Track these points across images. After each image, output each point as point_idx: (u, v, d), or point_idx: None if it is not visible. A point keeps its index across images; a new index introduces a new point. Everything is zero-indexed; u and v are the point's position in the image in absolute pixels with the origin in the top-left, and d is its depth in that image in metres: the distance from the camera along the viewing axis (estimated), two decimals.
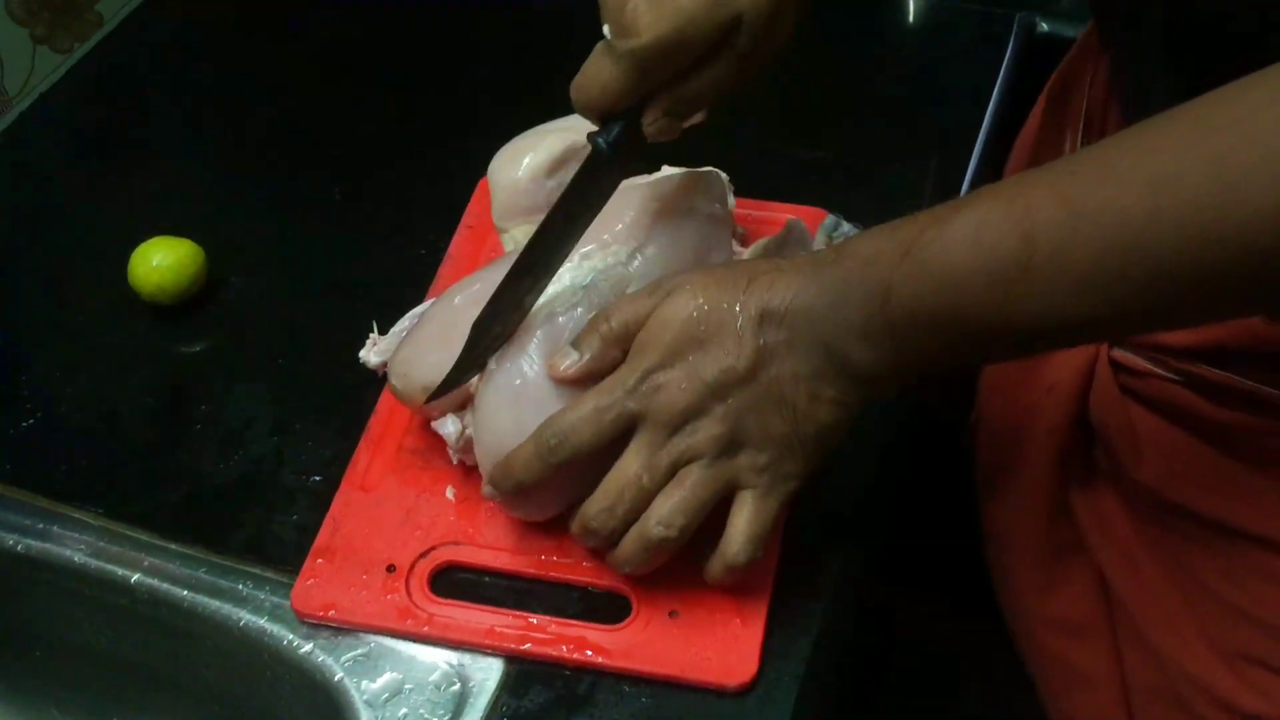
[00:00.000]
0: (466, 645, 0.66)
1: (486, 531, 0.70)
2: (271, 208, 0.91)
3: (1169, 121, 0.49)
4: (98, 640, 0.74)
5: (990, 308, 0.53)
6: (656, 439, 0.61)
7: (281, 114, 1.00)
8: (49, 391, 0.80)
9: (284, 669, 0.67)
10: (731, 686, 0.64)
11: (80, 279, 0.87)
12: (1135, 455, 0.68)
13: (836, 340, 0.58)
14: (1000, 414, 0.76)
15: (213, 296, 0.84)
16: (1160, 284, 0.50)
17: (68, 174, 0.96)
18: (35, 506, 0.73)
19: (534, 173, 0.75)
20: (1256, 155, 0.46)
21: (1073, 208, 0.50)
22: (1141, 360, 0.67)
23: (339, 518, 0.70)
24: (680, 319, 0.60)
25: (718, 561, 0.63)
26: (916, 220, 0.56)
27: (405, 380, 0.69)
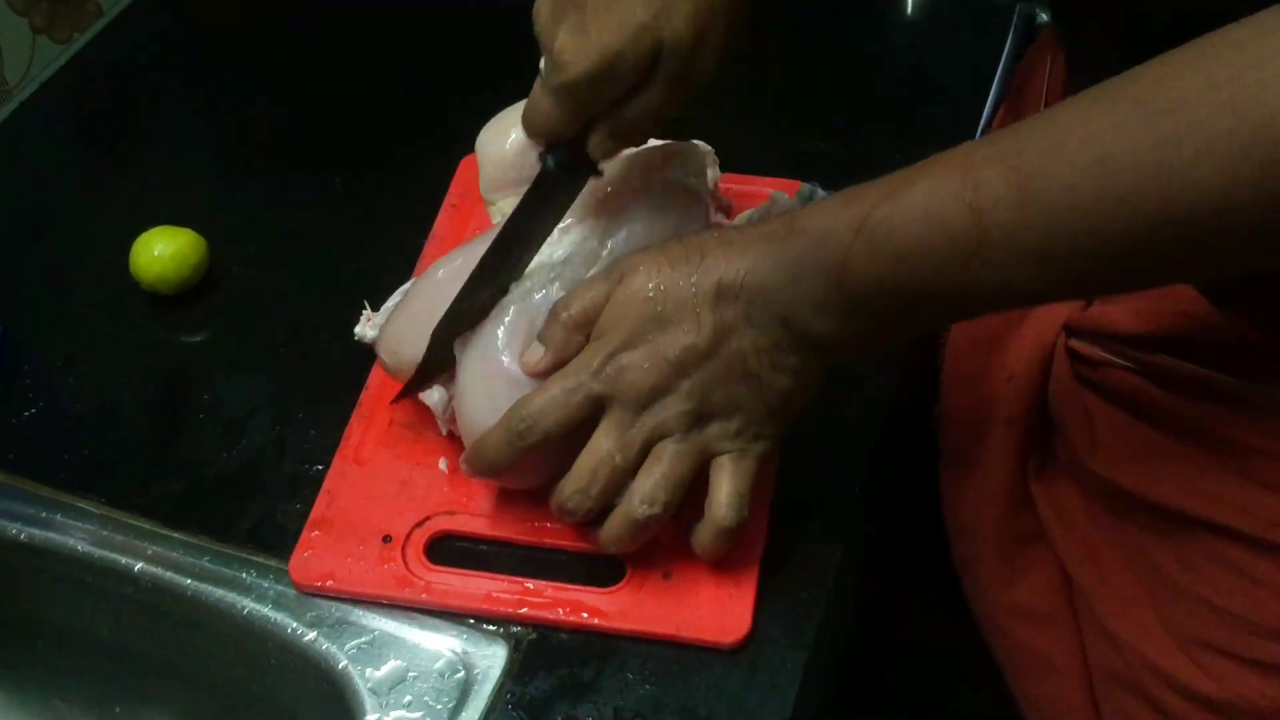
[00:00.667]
0: (464, 611, 0.67)
1: (480, 501, 0.71)
2: (273, 197, 0.91)
3: (1117, 98, 0.50)
4: (101, 629, 0.74)
5: (944, 280, 0.55)
6: (626, 418, 0.62)
7: (282, 103, 1.00)
8: (51, 381, 0.79)
9: (288, 657, 0.67)
10: (726, 644, 0.65)
11: (82, 269, 0.86)
12: (1091, 444, 0.68)
13: (795, 314, 0.59)
14: (962, 405, 0.76)
15: (214, 286, 0.84)
16: (1108, 258, 0.51)
17: (68, 164, 0.96)
18: (38, 495, 0.73)
19: (521, 145, 0.75)
20: (1199, 143, 0.47)
21: (1022, 185, 0.51)
22: (1098, 350, 0.67)
23: (334, 491, 0.71)
24: (638, 300, 0.62)
25: (707, 527, 0.64)
26: (868, 194, 0.57)
27: (395, 357, 0.70)
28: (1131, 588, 0.68)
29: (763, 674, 0.65)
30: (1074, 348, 0.69)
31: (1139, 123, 0.49)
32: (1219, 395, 0.62)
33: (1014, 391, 0.72)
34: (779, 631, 0.66)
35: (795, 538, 0.70)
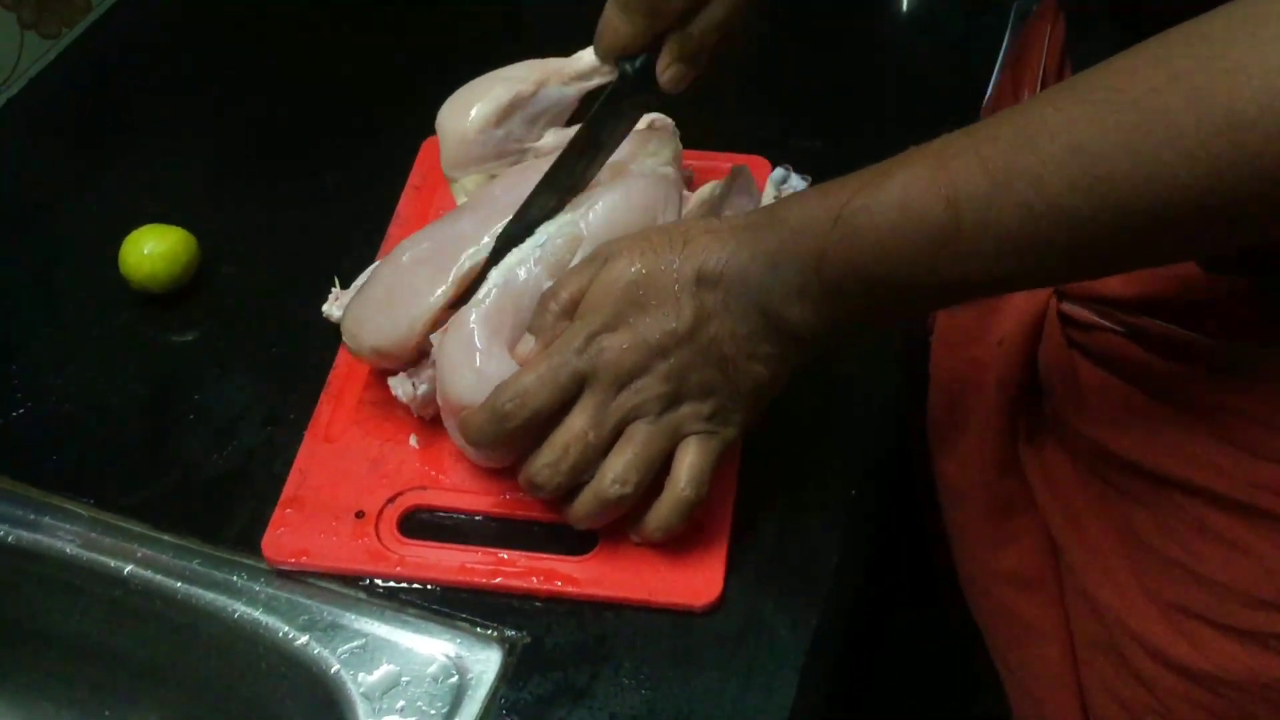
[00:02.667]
0: (439, 583, 0.67)
1: (452, 475, 0.72)
2: (264, 195, 0.90)
3: (1088, 89, 0.51)
4: (90, 633, 0.73)
5: (920, 270, 0.56)
6: (603, 398, 0.63)
7: (273, 100, 0.99)
8: (39, 381, 0.79)
9: (279, 661, 0.67)
10: (699, 606, 0.66)
11: (70, 267, 0.86)
12: (1079, 406, 0.69)
13: (772, 303, 0.61)
14: (951, 369, 0.77)
15: (205, 285, 0.83)
16: (1080, 246, 0.52)
17: (57, 160, 0.95)
18: (26, 497, 0.72)
19: (483, 123, 0.76)
20: (1165, 132, 0.48)
21: (995, 175, 0.52)
22: (1088, 313, 0.68)
23: (305, 469, 0.71)
24: (621, 284, 0.63)
25: (666, 499, 0.65)
26: (846, 185, 0.58)
27: (355, 340, 0.71)
28: (1114, 553, 0.69)
29: (759, 678, 0.64)
30: (1065, 311, 0.69)
31: (1107, 113, 0.50)
32: (1206, 359, 0.63)
33: (1005, 355, 0.72)
34: (776, 635, 0.66)
35: (791, 540, 0.70)
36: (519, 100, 0.76)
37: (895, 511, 0.84)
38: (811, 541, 0.70)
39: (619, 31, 0.68)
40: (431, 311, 0.69)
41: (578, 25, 0.74)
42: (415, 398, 0.71)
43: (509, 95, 0.76)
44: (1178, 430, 0.65)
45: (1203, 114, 0.47)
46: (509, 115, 0.76)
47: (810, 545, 0.70)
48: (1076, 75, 0.52)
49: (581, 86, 0.77)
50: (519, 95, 0.76)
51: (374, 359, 0.71)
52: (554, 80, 0.77)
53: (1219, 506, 0.64)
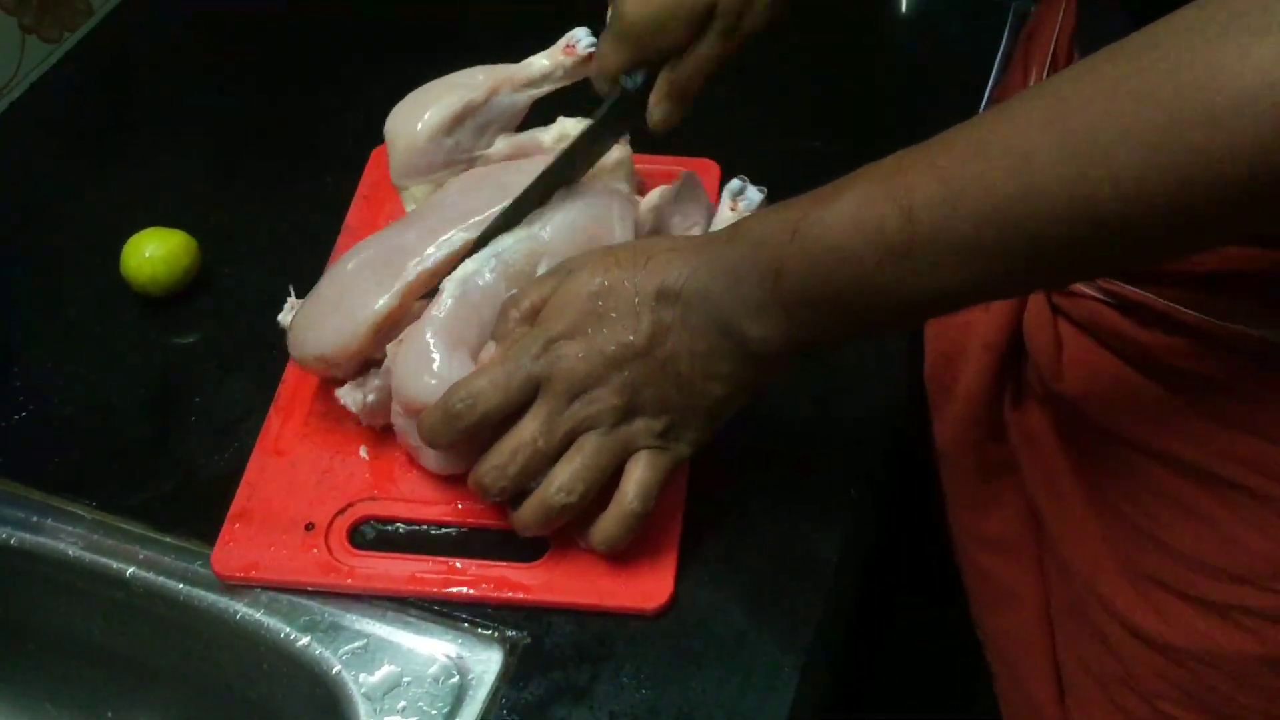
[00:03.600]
0: (390, 594, 0.67)
1: (402, 485, 0.71)
2: (265, 198, 0.90)
3: (1037, 96, 0.51)
4: (92, 634, 0.74)
5: (877, 283, 0.55)
6: (556, 406, 0.63)
7: (275, 103, 0.99)
8: (41, 383, 0.79)
9: (281, 662, 0.67)
10: (649, 610, 0.66)
11: (72, 270, 0.86)
12: (1058, 370, 0.69)
13: (732, 319, 0.61)
14: (942, 333, 0.77)
15: (206, 288, 0.84)
16: (1036, 253, 0.52)
17: (59, 164, 0.95)
18: (28, 499, 0.73)
19: (432, 131, 0.76)
20: (1113, 133, 0.48)
21: (948, 184, 0.52)
22: None
23: (254, 482, 0.71)
24: (583, 295, 0.63)
25: (612, 512, 0.65)
26: (802, 201, 0.58)
27: (299, 349, 0.71)
28: (1086, 519, 0.70)
29: (759, 677, 0.64)
30: None
31: (1057, 117, 0.50)
32: (1182, 329, 0.63)
33: (992, 319, 0.73)
34: (776, 634, 0.66)
35: (791, 539, 0.70)
36: (470, 108, 0.76)
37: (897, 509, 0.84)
38: (812, 540, 0.70)
39: (608, 60, 0.72)
40: (375, 317, 0.69)
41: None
42: (364, 407, 0.70)
43: (460, 103, 0.76)
44: (1152, 399, 0.65)
45: (1148, 115, 0.47)
46: (460, 123, 0.76)
47: (810, 544, 0.70)
48: (1032, 85, 0.52)
49: (532, 94, 0.78)
50: (470, 103, 0.76)
51: (319, 367, 0.71)
52: (505, 87, 0.77)
53: (1188, 476, 0.64)
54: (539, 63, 0.78)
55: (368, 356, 0.70)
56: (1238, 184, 0.46)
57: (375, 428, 0.73)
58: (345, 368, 0.71)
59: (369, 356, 0.70)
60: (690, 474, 0.72)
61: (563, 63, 0.77)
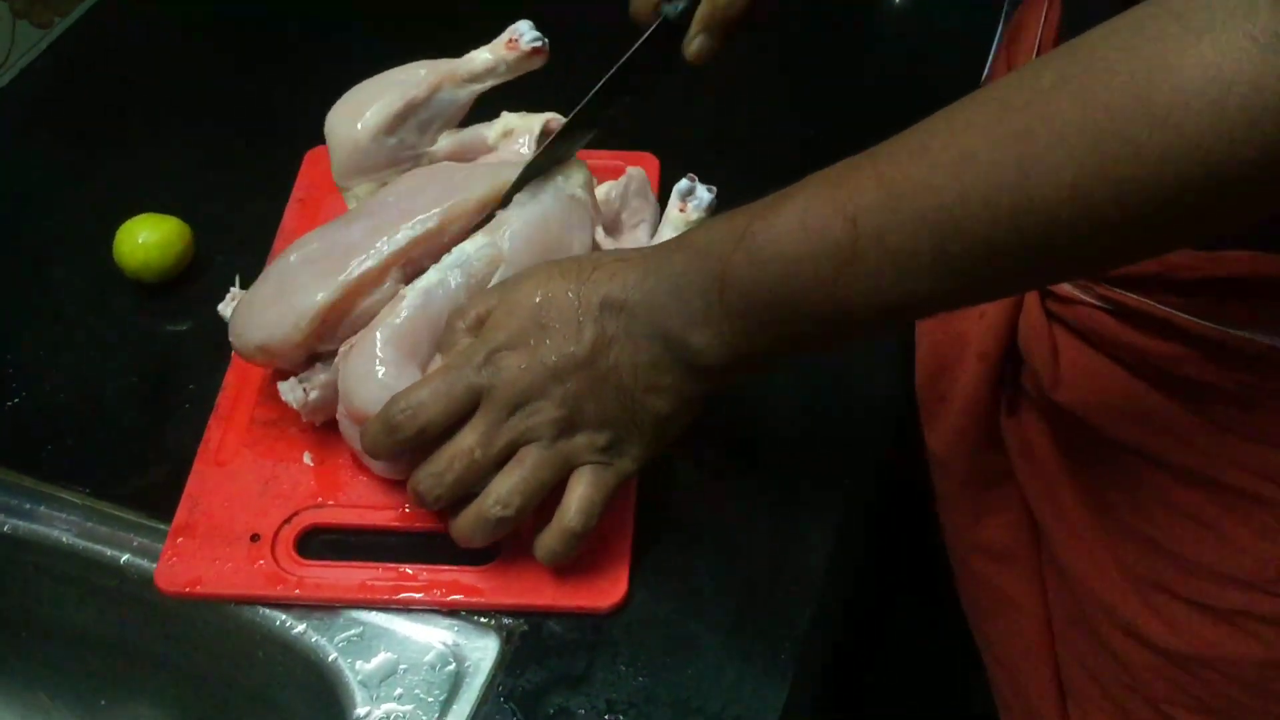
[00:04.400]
0: (339, 603, 0.67)
1: (349, 491, 0.71)
2: (258, 184, 0.89)
3: (979, 100, 0.51)
4: (87, 622, 0.73)
5: (821, 291, 0.55)
6: (496, 416, 0.63)
7: (267, 88, 0.99)
8: (34, 370, 0.78)
9: (276, 650, 0.67)
10: (603, 609, 0.66)
11: (65, 257, 0.85)
12: (1055, 377, 0.69)
13: (675, 329, 0.60)
14: (935, 341, 0.77)
15: (199, 274, 0.83)
16: (977, 260, 0.51)
17: (50, 150, 0.94)
18: (21, 486, 0.72)
19: (374, 130, 0.74)
20: (1051, 135, 0.47)
21: (891, 189, 0.52)
22: (1068, 286, 0.68)
23: (196, 495, 0.70)
24: (526, 305, 0.63)
25: (554, 529, 0.64)
26: (751, 209, 0.58)
27: (240, 339, 0.70)
28: (1088, 527, 0.69)
29: (756, 665, 0.65)
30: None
31: (996, 119, 0.49)
32: (1181, 335, 0.63)
33: (986, 327, 0.72)
34: (773, 622, 0.66)
35: (787, 529, 0.70)
36: (412, 105, 0.75)
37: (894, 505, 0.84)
38: (807, 532, 0.70)
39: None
40: (316, 310, 0.67)
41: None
42: (305, 403, 0.69)
43: (401, 101, 0.75)
44: (1152, 405, 0.65)
45: (1084, 115, 0.46)
46: (402, 121, 0.75)
47: (806, 536, 0.70)
48: (971, 93, 0.52)
49: (474, 89, 0.77)
50: (412, 100, 0.75)
51: (260, 357, 0.70)
52: (448, 83, 0.76)
53: (1189, 482, 0.64)
54: (481, 57, 0.76)
55: (309, 350, 0.69)
56: (1179, 182, 0.45)
57: (317, 427, 0.72)
58: (286, 360, 0.70)
59: (311, 350, 0.69)
60: (687, 466, 0.72)
61: (505, 57, 0.76)
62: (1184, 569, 0.65)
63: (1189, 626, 0.65)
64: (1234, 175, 0.45)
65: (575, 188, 0.74)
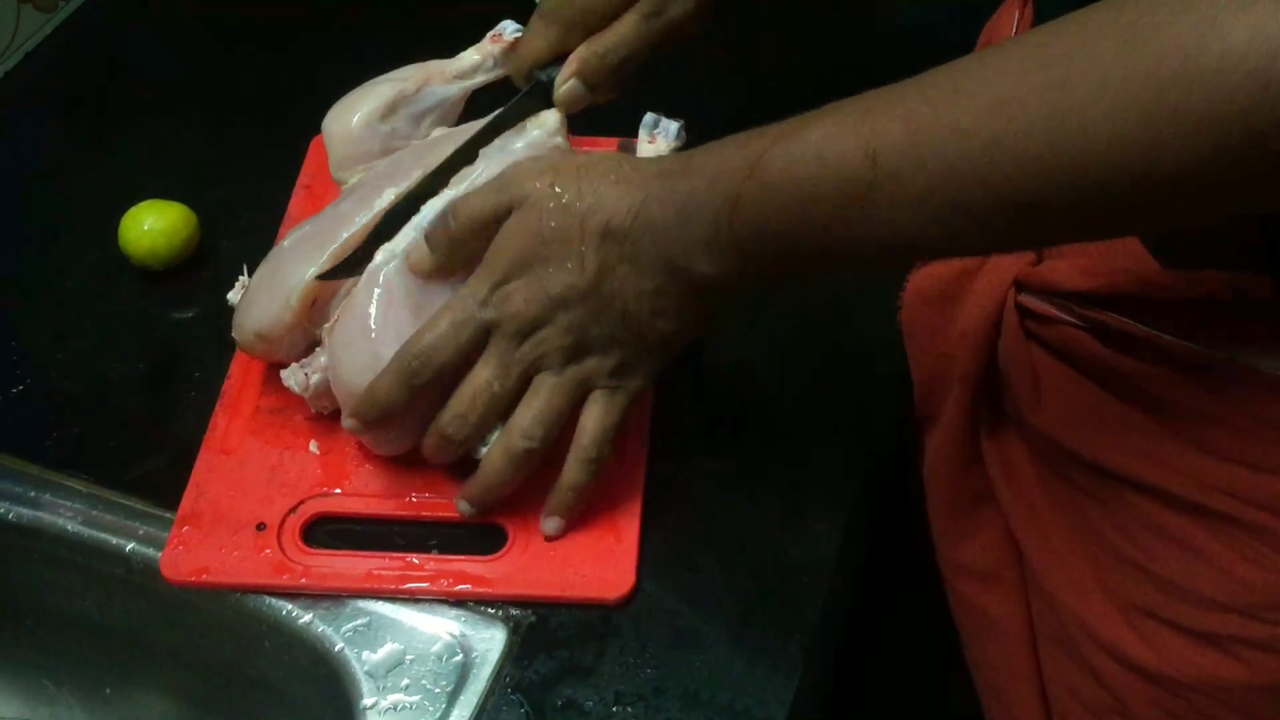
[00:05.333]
0: (346, 592, 0.66)
1: (355, 480, 0.70)
2: (264, 170, 0.89)
3: (1016, 46, 0.50)
4: (91, 610, 0.73)
5: (835, 225, 0.54)
6: (507, 348, 0.63)
7: (274, 74, 0.98)
8: (39, 357, 0.78)
9: (282, 639, 0.66)
10: (611, 600, 0.66)
11: (70, 243, 0.85)
12: (1036, 400, 0.68)
13: (681, 255, 0.60)
14: (923, 363, 0.76)
15: (205, 261, 0.83)
16: (996, 209, 0.51)
17: (55, 135, 0.94)
18: (26, 474, 0.72)
19: (367, 119, 0.76)
20: (1091, 85, 0.46)
21: (916, 129, 0.51)
22: (1047, 306, 0.67)
23: (201, 483, 0.70)
24: (526, 233, 0.63)
25: (572, 458, 0.65)
26: (765, 134, 0.57)
27: (239, 329, 0.71)
28: (1072, 551, 0.69)
29: (765, 658, 0.64)
30: (1023, 303, 0.68)
31: (1033, 67, 0.48)
32: (1163, 356, 0.62)
33: (967, 348, 0.71)
34: (782, 614, 0.66)
35: (796, 522, 0.70)
36: (402, 98, 0.77)
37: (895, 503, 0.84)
38: (816, 524, 0.70)
39: (535, 41, 0.72)
40: (305, 287, 0.68)
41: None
42: (309, 388, 0.69)
43: (392, 93, 0.76)
44: (1133, 428, 0.64)
45: (1125, 69, 0.45)
46: (393, 112, 0.76)
47: (814, 527, 0.70)
48: (1006, 40, 0.51)
49: (464, 85, 0.78)
50: (401, 93, 0.77)
51: (259, 345, 0.70)
52: (436, 79, 0.77)
53: (1173, 506, 0.63)
54: (469, 56, 0.78)
55: (305, 332, 0.70)
56: (1216, 148, 0.45)
57: (324, 414, 0.71)
58: (284, 345, 0.70)
59: (308, 333, 0.70)
60: (695, 455, 0.72)
61: (491, 52, 0.78)
62: (1168, 593, 0.64)
63: (1174, 650, 0.64)
64: (1273, 145, 0.44)
65: (550, 134, 0.74)
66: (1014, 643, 0.74)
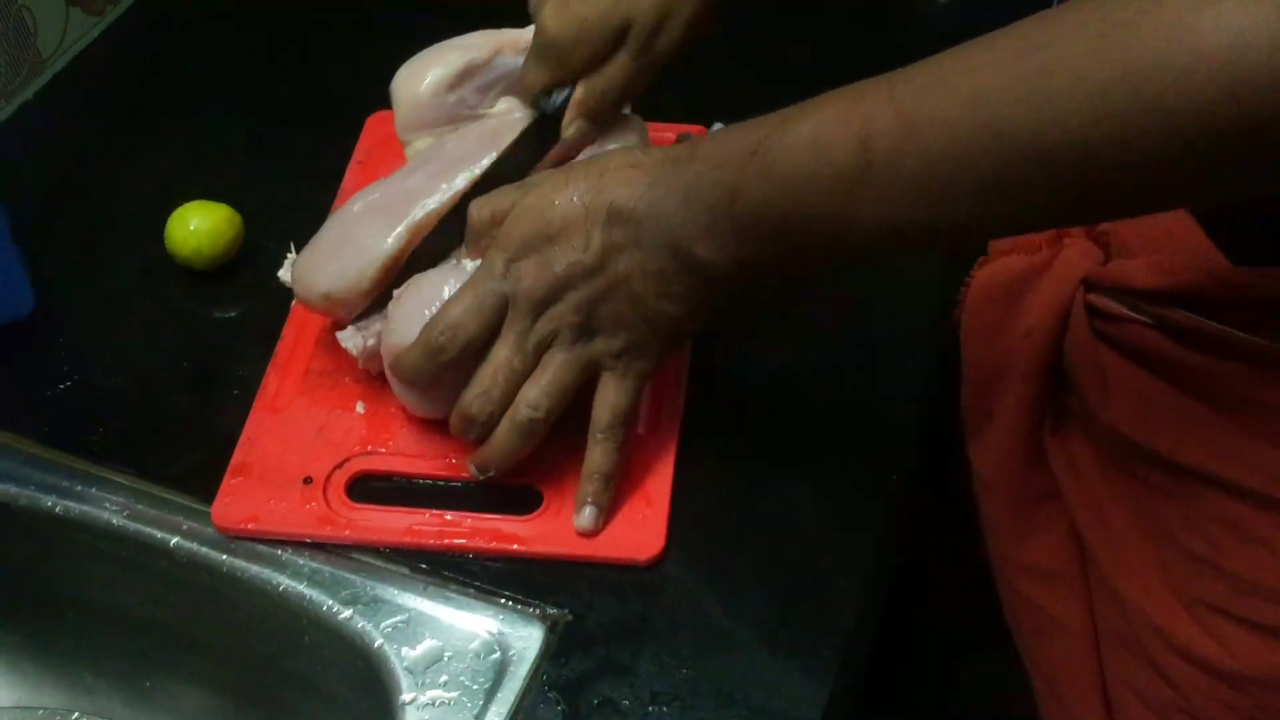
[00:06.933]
0: (386, 545, 0.68)
1: (399, 440, 0.73)
2: (308, 171, 0.90)
3: (1001, 37, 0.51)
4: (133, 603, 0.74)
5: (830, 211, 0.56)
6: (523, 324, 0.65)
7: (318, 75, 0.99)
8: (86, 354, 0.79)
9: (323, 635, 0.67)
10: (642, 561, 0.68)
11: (116, 242, 0.86)
12: (1104, 398, 0.69)
13: (683, 239, 0.61)
14: (980, 361, 0.77)
15: (249, 261, 0.84)
16: (986, 195, 0.52)
17: (103, 136, 0.95)
18: (72, 468, 0.73)
19: (435, 88, 0.77)
20: (1068, 76, 0.48)
21: (906, 117, 0.52)
22: (1116, 305, 0.67)
23: (253, 438, 0.72)
24: (533, 213, 0.64)
25: (590, 443, 0.68)
26: (765, 122, 0.58)
27: (305, 287, 0.72)
28: (1138, 547, 0.69)
29: (800, 660, 0.65)
30: (1092, 302, 0.69)
31: (1014, 58, 0.50)
32: (1234, 351, 0.62)
33: (1032, 346, 0.72)
34: (818, 616, 0.66)
35: (831, 523, 0.70)
36: (472, 67, 0.77)
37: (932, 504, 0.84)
38: (852, 526, 0.70)
39: (531, 77, 0.74)
40: (384, 257, 0.71)
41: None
42: (365, 350, 0.72)
43: (463, 62, 0.77)
44: (1205, 424, 0.64)
45: (1102, 59, 0.47)
46: (462, 81, 0.77)
47: (851, 530, 0.70)
48: (994, 30, 0.52)
49: None
50: (472, 62, 0.77)
51: (325, 305, 0.72)
52: (508, 50, 0.78)
53: (1246, 501, 0.64)
54: None
55: (373, 297, 0.72)
56: (1188, 139, 0.46)
57: (373, 373, 0.74)
58: (352, 307, 0.72)
59: (373, 297, 0.72)
60: (730, 454, 0.72)
61: None
62: (1237, 587, 0.64)
63: (1242, 645, 0.64)
64: (1243, 138, 0.45)
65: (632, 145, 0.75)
66: (1076, 642, 0.74)
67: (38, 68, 0.97)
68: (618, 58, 0.72)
